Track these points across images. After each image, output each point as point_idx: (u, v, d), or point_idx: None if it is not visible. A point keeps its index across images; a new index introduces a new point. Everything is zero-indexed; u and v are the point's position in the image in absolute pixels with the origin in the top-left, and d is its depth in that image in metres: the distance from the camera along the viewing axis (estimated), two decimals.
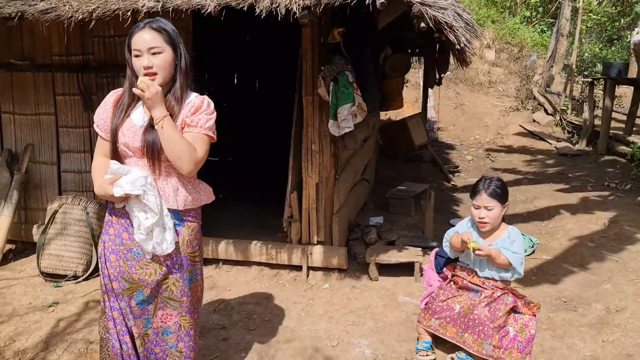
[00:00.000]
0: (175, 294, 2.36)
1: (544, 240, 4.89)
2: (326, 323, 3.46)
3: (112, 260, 2.33)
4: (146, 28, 2.19)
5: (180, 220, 2.33)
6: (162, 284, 2.34)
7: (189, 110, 2.26)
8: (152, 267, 2.31)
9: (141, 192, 2.17)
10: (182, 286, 2.37)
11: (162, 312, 2.38)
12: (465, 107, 11.78)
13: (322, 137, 4.01)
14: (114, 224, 2.34)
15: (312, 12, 3.08)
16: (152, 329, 2.38)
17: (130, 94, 2.27)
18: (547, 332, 3.31)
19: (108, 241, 2.34)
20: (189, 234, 2.36)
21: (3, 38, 4.35)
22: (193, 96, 2.31)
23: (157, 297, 2.35)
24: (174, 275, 2.35)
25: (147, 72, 2.17)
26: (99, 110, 2.37)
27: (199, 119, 2.26)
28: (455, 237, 3.03)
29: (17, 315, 3.56)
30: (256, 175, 6.62)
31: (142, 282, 2.31)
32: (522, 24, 15.97)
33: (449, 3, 3.11)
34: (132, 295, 2.33)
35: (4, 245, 4.42)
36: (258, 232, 4.49)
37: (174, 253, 2.31)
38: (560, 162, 8.50)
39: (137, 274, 2.30)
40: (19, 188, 4.46)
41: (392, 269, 4.11)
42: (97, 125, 2.37)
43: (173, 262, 2.34)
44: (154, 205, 2.19)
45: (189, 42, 4.09)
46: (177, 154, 2.17)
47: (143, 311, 2.36)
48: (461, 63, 5.20)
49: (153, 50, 2.17)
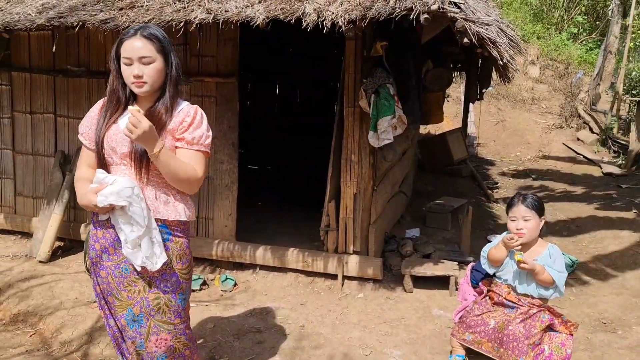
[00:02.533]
0: (169, 316, 2.24)
1: (583, 260, 4.79)
2: (360, 332, 3.50)
3: (103, 276, 2.25)
4: (137, 35, 2.11)
5: (168, 235, 2.23)
6: (152, 304, 2.22)
7: (181, 120, 2.19)
8: (140, 285, 2.21)
9: (126, 204, 2.08)
10: (176, 307, 2.26)
11: (156, 337, 2.24)
12: (506, 124, 11.63)
13: (361, 148, 4.07)
14: (99, 238, 2.24)
15: (357, 25, 3.16)
16: (147, 353, 2.26)
17: (112, 100, 2.21)
18: (584, 352, 3.25)
19: (95, 257, 2.26)
20: (178, 249, 2.26)
21: (61, 46, 4.59)
22: (185, 104, 2.25)
23: (150, 320, 2.23)
24: (166, 295, 2.23)
25: (137, 81, 2.11)
26: (84, 119, 2.31)
27: (199, 137, 2.20)
28: (495, 249, 3.03)
29: (64, 308, 3.73)
30: (295, 184, 6.72)
31: (132, 300, 2.22)
32: (568, 40, 15.69)
33: (492, 19, 3.14)
34: (122, 313, 2.24)
35: (54, 242, 4.63)
36: (295, 239, 4.57)
37: (166, 269, 2.22)
38: (605, 182, 8.29)
39: (125, 291, 2.22)
40: (69, 188, 4.67)
41: (427, 281, 4.12)
42: (82, 133, 2.29)
43: (164, 279, 2.23)
44: (140, 218, 2.10)
45: (236, 53, 4.24)
46: (177, 180, 2.16)
47: (135, 333, 2.25)
48: (503, 79, 5.18)
49: (144, 59, 2.10)
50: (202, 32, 4.03)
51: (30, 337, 3.49)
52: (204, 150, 2.24)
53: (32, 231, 4.83)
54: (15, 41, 4.72)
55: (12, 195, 5.03)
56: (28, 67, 4.79)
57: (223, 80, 4.27)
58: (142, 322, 2.23)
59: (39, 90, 4.79)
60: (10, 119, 4.91)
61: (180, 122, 2.21)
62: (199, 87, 4.31)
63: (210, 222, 4.48)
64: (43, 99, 4.79)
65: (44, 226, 4.63)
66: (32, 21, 3.75)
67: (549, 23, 16.43)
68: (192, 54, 4.30)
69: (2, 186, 5.06)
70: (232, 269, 4.43)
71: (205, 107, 4.23)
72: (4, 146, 4.97)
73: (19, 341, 3.43)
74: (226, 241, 4.40)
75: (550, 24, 16.45)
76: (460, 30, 3.02)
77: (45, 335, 3.49)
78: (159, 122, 2.15)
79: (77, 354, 3.23)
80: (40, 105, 4.80)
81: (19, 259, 4.61)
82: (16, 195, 5.02)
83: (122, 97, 2.21)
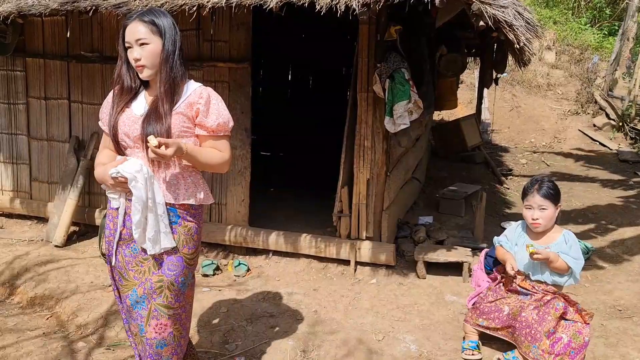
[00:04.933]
0: (170, 300, 2.25)
1: (599, 247, 4.75)
2: (372, 317, 3.50)
3: (116, 255, 2.30)
4: (136, 20, 2.16)
5: (177, 218, 2.26)
6: (155, 286, 2.23)
7: (194, 102, 2.22)
8: (146, 265, 2.24)
9: (130, 177, 2.11)
10: (177, 291, 2.26)
11: (157, 321, 2.25)
12: (521, 110, 11.48)
13: (374, 133, 4.05)
14: (113, 217, 2.30)
15: (371, 9, 3.12)
16: (146, 339, 2.26)
17: (119, 86, 2.25)
18: (599, 339, 3.23)
19: (109, 235, 2.31)
20: (185, 233, 2.27)
21: (75, 31, 4.60)
22: (197, 85, 2.28)
23: (151, 302, 2.24)
24: (169, 278, 2.24)
25: (137, 64, 2.15)
26: (102, 107, 2.38)
27: (223, 124, 2.26)
28: (502, 253, 3.04)
29: (80, 292, 3.78)
30: (308, 170, 6.71)
31: (137, 281, 2.25)
32: (585, 25, 15.41)
33: (509, 2, 3.08)
34: (127, 294, 2.27)
35: (69, 227, 4.68)
36: (308, 225, 4.57)
37: (171, 252, 2.24)
38: (621, 169, 8.18)
39: (132, 271, 2.25)
40: (84, 173, 4.71)
41: (440, 268, 4.10)
42: (101, 119, 2.37)
43: (169, 262, 2.25)
44: (141, 192, 2.12)
45: (249, 37, 4.22)
46: (208, 167, 2.29)
47: (137, 315, 2.27)
48: (520, 64, 5.11)
49: (140, 41, 2.13)
50: (215, 16, 4.01)
51: (47, 320, 3.55)
52: (228, 134, 2.32)
53: (47, 216, 4.89)
54: (29, 27, 4.74)
55: (27, 180, 5.09)
56: (42, 53, 4.81)
57: (236, 65, 4.26)
58: (144, 305, 2.24)
59: (53, 75, 4.81)
60: (25, 105, 4.94)
61: (191, 104, 2.23)
62: (212, 73, 4.30)
63: (223, 208, 4.50)
64: (57, 84, 4.81)
65: (59, 211, 4.68)
66: (46, 6, 3.75)
67: (565, 7, 16.13)
68: (204, 39, 4.29)
69: (17, 171, 5.11)
70: (245, 254, 4.45)
71: (218, 92, 4.20)
72: (19, 132, 5.02)
73: (36, 324, 3.49)
74: (239, 227, 4.42)
75: (567, 8, 16.15)
76: (476, 13, 2.97)
77: (61, 318, 3.54)
78: (163, 106, 2.18)
79: (93, 337, 3.28)
80: (54, 90, 4.83)
81: (35, 243, 4.68)
82: (32, 181, 5.07)
83: (129, 82, 2.25)
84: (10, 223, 5.14)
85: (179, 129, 2.20)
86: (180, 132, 2.21)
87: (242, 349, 3.12)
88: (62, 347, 3.16)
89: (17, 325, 3.46)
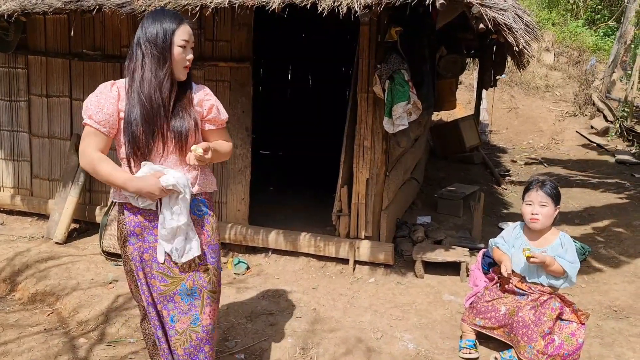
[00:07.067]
0: (215, 285, 2.37)
1: (595, 248, 4.79)
2: (371, 316, 3.54)
3: (147, 260, 2.26)
4: (187, 23, 2.24)
5: (206, 209, 2.37)
6: (203, 275, 2.31)
7: (201, 100, 2.32)
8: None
9: (182, 192, 2.18)
10: (218, 275, 2.41)
11: (210, 308, 2.33)
12: (519, 111, 11.54)
13: (374, 133, 4.08)
14: (139, 223, 2.25)
15: (373, 10, 3.15)
16: (202, 327, 2.30)
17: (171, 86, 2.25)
18: (595, 339, 3.27)
19: (137, 242, 2.25)
20: (215, 221, 2.42)
21: (77, 29, 4.61)
22: (194, 84, 2.37)
23: (203, 291, 2.30)
24: (213, 265, 2.36)
25: (188, 64, 2.25)
26: (100, 105, 2.19)
27: (220, 116, 2.40)
28: (498, 254, 3.08)
29: (81, 289, 3.80)
30: (307, 169, 6.74)
31: (184, 275, 2.27)
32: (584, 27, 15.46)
33: (509, 4, 3.11)
34: (176, 289, 2.26)
35: (70, 224, 4.70)
36: (307, 224, 4.60)
37: (210, 241, 2.35)
38: (618, 171, 8.23)
39: (176, 268, 2.26)
40: (85, 171, 4.73)
41: (438, 267, 4.14)
42: (100, 121, 2.16)
43: (210, 250, 2.35)
44: (186, 208, 2.20)
45: (250, 37, 4.25)
46: (223, 157, 2.46)
47: (190, 307, 2.29)
48: (518, 66, 5.14)
49: (191, 45, 2.26)
50: (217, 16, 4.03)
51: (47, 316, 3.57)
52: (225, 123, 2.48)
53: (48, 213, 4.92)
54: (31, 25, 4.76)
55: (28, 177, 5.11)
56: (44, 51, 4.83)
57: (237, 65, 4.29)
58: (197, 295, 2.31)
59: (55, 73, 4.83)
60: (27, 102, 4.96)
61: (200, 101, 2.33)
62: (213, 72, 4.33)
63: (223, 206, 4.53)
64: (59, 82, 4.83)
65: (60, 208, 4.70)
66: (50, 4, 3.77)
67: (564, 9, 16.18)
68: (206, 38, 4.32)
69: (19, 168, 5.13)
70: (245, 252, 4.48)
71: (219, 91, 4.29)
72: (20, 129, 5.04)
73: (37, 320, 3.51)
74: (239, 225, 4.45)
75: (565, 10, 16.20)
76: (476, 16, 3.00)
77: (62, 314, 3.57)
78: (190, 102, 2.29)
79: (93, 334, 3.31)
80: (56, 88, 4.85)
81: (35, 240, 4.70)
82: (33, 178, 5.10)
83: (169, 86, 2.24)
84: (11, 220, 5.16)
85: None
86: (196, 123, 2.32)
87: (242, 346, 3.15)
88: (63, 343, 3.19)
89: (18, 321, 3.49)
